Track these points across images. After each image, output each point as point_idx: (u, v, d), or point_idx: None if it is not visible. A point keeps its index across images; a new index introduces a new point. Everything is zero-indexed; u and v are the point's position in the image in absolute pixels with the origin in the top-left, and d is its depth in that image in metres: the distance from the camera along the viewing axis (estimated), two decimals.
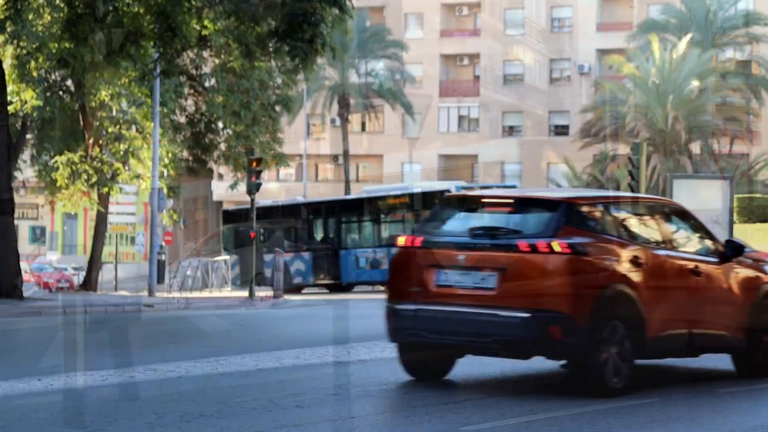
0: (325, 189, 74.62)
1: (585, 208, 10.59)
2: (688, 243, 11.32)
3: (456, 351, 10.84)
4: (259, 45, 21.98)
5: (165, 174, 37.83)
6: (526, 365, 11.53)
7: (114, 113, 37.02)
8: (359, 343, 15.53)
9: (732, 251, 11.32)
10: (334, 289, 39.97)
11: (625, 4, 69.35)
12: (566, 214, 10.30)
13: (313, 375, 11.91)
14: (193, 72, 37.94)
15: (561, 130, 69.91)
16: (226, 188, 46.17)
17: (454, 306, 10.25)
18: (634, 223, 10.99)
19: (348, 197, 43.21)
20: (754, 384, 11.11)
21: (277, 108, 38.44)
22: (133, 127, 36.99)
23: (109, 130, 36.88)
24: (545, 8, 70.31)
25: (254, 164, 34.14)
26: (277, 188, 73.13)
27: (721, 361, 11.96)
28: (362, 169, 75.82)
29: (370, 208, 39.05)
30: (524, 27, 70.97)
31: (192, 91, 38.64)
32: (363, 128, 74.76)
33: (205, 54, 37.07)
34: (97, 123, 37.16)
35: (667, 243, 10.99)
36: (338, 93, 67.65)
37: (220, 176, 71.47)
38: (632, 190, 30.17)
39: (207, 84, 38.24)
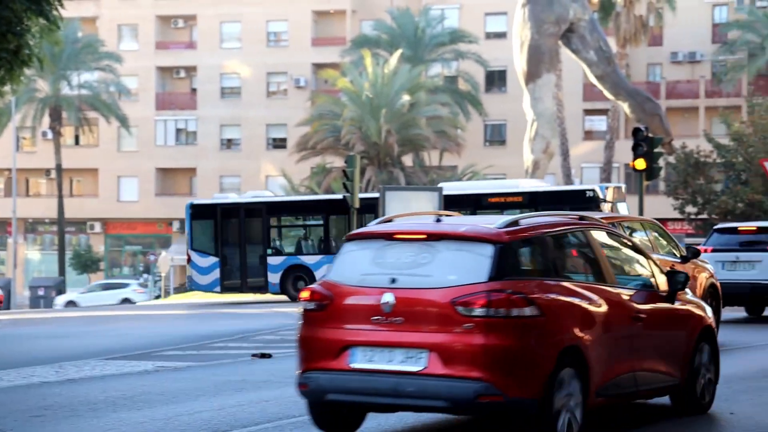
0: (38, 204, 72.08)
1: None
2: (664, 248, 16.13)
3: None
4: None
5: None
6: None
7: None
8: (69, 362, 15.12)
9: (691, 255, 16.30)
10: None
11: (339, 20, 70.77)
12: None
13: (17, 398, 11.51)
14: None
15: (279, 143, 70.44)
16: None
17: None
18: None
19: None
20: None
21: None
22: None
23: None
24: (261, 22, 70.72)
25: None
26: None
27: None
28: (77, 184, 73.74)
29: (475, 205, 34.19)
30: (241, 40, 71.12)
31: None
32: (77, 141, 72.76)
33: None
34: None
35: (654, 249, 15.62)
36: (50, 105, 65.56)
37: None
38: (347, 203, 30.75)
39: None
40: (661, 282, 9.64)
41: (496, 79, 67.51)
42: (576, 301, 8.51)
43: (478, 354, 7.93)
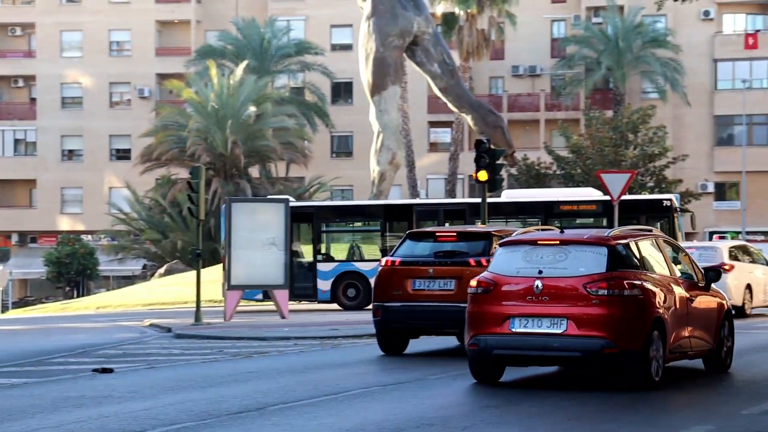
0: None
1: (502, 237, 15.45)
2: None
3: (423, 332, 16.90)
4: None
5: None
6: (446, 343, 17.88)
7: None
8: None
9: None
10: None
11: (183, 30, 70.05)
12: (493, 242, 15.94)
13: None
14: None
15: (123, 154, 69.29)
16: None
17: (427, 302, 15.96)
18: None
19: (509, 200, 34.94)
20: None
21: None
22: None
23: None
24: (103, 31, 69.47)
25: None
26: None
27: None
28: None
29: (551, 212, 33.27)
30: (82, 50, 69.73)
31: None
32: None
33: None
34: None
35: None
36: None
37: None
38: (192, 214, 30.42)
39: None
40: (699, 276, 13.78)
41: (342, 91, 67.84)
42: (658, 286, 12.59)
43: (602, 320, 11.97)
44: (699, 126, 64.70)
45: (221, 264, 32.78)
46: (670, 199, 32.52)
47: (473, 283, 12.68)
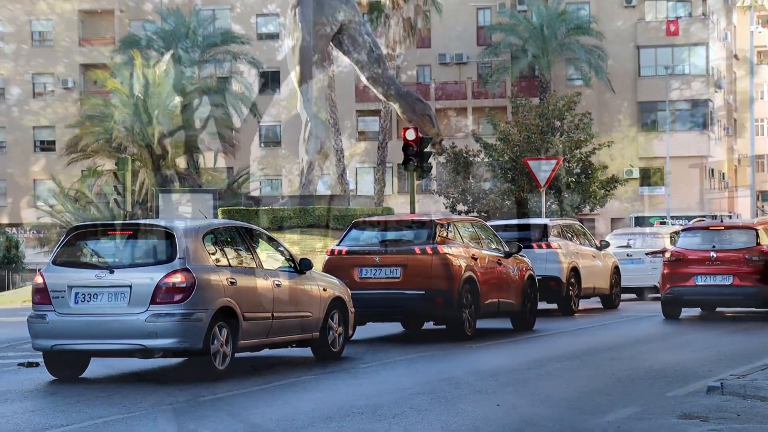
0: None
1: (445, 225, 16.74)
2: (491, 243, 17.82)
3: (369, 319, 16.58)
4: None
5: None
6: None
7: None
8: None
9: (515, 250, 18.18)
10: None
11: (107, 20, 69.24)
12: (436, 229, 16.38)
13: None
14: None
15: (47, 146, 68.35)
16: None
17: (373, 290, 16.10)
18: (466, 234, 17.27)
19: None
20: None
21: None
22: None
23: None
24: (24, 21, 68.44)
25: None
26: None
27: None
28: None
29: None
30: (3, 40, 68.63)
31: None
32: None
33: None
34: None
35: (483, 244, 17.56)
36: None
37: None
38: (118, 205, 30.24)
39: None
40: None
41: (269, 81, 67.55)
42: None
43: (755, 276, 19.57)
44: (624, 112, 65.48)
45: None
46: None
47: (667, 254, 20.39)
